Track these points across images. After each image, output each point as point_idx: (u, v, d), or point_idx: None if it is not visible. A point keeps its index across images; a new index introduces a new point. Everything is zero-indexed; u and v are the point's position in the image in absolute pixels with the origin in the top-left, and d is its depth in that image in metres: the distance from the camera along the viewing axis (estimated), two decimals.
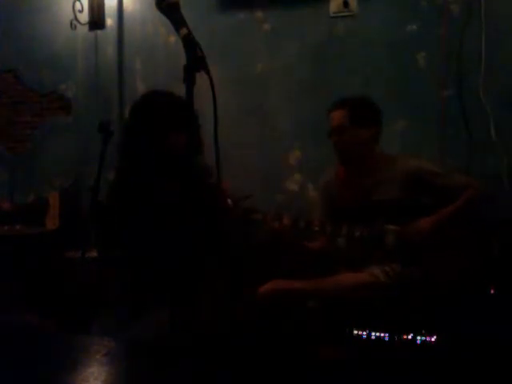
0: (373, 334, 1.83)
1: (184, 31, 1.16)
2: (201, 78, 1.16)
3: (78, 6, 3.29)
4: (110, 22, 3.38)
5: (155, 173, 1.81)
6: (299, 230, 2.05)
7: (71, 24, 3.29)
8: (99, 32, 3.37)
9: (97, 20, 3.30)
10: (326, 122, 2.22)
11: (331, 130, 2.16)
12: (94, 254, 2.26)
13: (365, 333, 1.84)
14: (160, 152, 1.82)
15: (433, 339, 1.78)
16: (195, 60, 1.13)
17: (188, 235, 1.26)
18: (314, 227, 2.04)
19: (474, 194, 2.03)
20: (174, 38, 3.17)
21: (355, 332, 1.85)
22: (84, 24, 3.33)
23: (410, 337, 1.80)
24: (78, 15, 3.30)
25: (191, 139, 1.72)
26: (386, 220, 2.02)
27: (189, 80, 1.12)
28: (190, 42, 1.15)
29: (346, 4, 2.92)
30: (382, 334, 1.82)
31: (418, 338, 1.79)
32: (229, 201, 1.98)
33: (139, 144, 1.86)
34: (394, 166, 2.12)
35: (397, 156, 2.20)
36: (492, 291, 1.96)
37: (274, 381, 1.48)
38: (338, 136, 2.13)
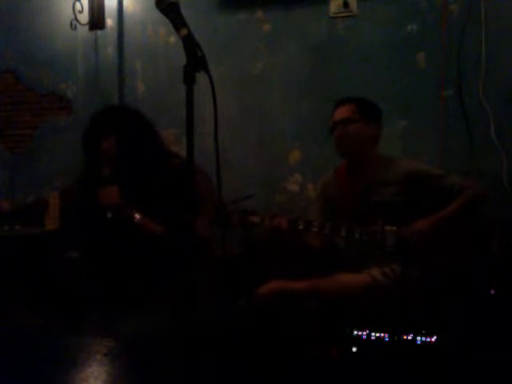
0: (373, 334, 1.83)
1: (184, 31, 1.16)
2: (201, 78, 1.16)
3: (78, 6, 3.28)
4: (110, 22, 3.37)
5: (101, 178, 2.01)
6: (298, 230, 2.06)
7: (71, 24, 3.29)
8: (99, 32, 3.37)
9: (97, 20, 3.29)
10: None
11: (336, 123, 2.15)
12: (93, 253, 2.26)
13: (365, 333, 1.84)
14: (99, 160, 2.02)
15: (433, 339, 1.78)
16: (195, 60, 1.13)
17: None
18: (313, 228, 2.04)
19: (471, 194, 2.03)
20: (173, 39, 3.17)
21: (355, 332, 1.85)
22: (84, 24, 3.33)
23: (409, 337, 1.80)
24: (78, 15, 3.30)
25: (123, 142, 1.97)
26: (385, 221, 2.02)
27: (189, 80, 1.12)
28: (190, 42, 1.15)
29: (345, 4, 2.92)
30: (382, 334, 1.82)
31: (418, 338, 1.79)
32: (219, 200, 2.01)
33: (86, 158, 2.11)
34: (393, 167, 2.12)
35: (396, 158, 2.21)
36: (492, 291, 1.96)
37: (274, 381, 1.48)
38: (344, 128, 2.12)
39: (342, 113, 2.15)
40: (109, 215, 1.93)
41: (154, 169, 1.94)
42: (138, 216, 1.90)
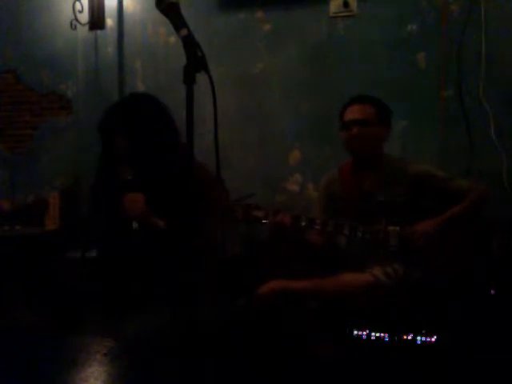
0: (373, 334, 1.83)
1: (184, 32, 1.16)
2: (201, 78, 1.16)
3: (78, 6, 3.29)
4: (110, 22, 3.38)
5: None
6: (301, 227, 2.05)
7: (71, 24, 3.29)
8: (99, 32, 3.37)
9: (97, 20, 3.30)
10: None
11: (351, 123, 2.12)
12: (94, 254, 2.26)
13: (365, 333, 1.84)
14: (113, 157, 1.85)
15: (433, 339, 1.78)
16: (195, 60, 1.13)
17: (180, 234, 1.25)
18: (316, 225, 2.04)
19: (476, 197, 2.03)
20: (174, 39, 3.17)
21: (355, 332, 1.85)
22: (84, 24, 3.33)
23: (409, 337, 1.80)
24: (78, 15, 3.30)
25: (135, 141, 1.80)
26: (388, 221, 2.02)
27: (189, 80, 1.12)
28: (190, 43, 1.15)
29: (345, 4, 2.92)
30: (382, 334, 1.82)
31: (418, 338, 1.79)
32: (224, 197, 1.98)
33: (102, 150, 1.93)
34: (399, 167, 2.13)
35: (402, 159, 2.22)
36: (492, 291, 1.96)
37: (274, 381, 1.48)
38: (362, 128, 2.10)
39: (358, 113, 2.12)
40: (135, 225, 1.75)
41: (174, 169, 1.77)
42: (162, 223, 1.77)
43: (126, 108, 1.93)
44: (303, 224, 2.04)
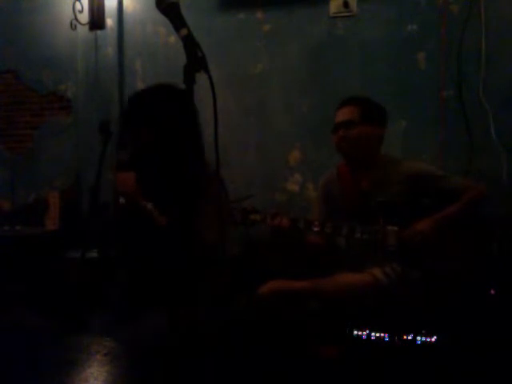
0: (373, 334, 1.83)
1: (184, 31, 1.16)
2: (201, 78, 1.16)
3: (78, 6, 3.28)
4: (110, 22, 3.37)
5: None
6: (299, 230, 2.06)
7: (71, 24, 3.29)
8: (99, 32, 3.37)
9: (97, 20, 3.29)
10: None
11: (338, 125, 2.14)
12: (94, 254, 2.26)
13: (365, 333, 1.84)
14: (136, 149, 1.86)
15: (433, 339, 1.78)
16: (195, 60, 1.14)
17: (181, 234, 1.25)
18: (314, 227, 2.04)
19: (474, 195, 2.03)
20: (173, 38, 3.17)
21: (355, 332, 1.85)
22: (84, 24, 3.33)
23: (410, 337, 1.80)
24: (78, 15, 3.30)
25: (162, 136, 1.78)
26: (387, 220, 2.02)
27: (189, 80, 1.12)
28: (190, 43, 1.15)
29: (346, 4, 2.92)
30: (382, 334, 1.82)
31: (418, 338, 1.79)
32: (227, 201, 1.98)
33: (121, 142, 1.92)
34: (396, 167, 2.12)
35: (399, 158, 2.22)
36: (492, 291, 1.96)
37: (274, 381, 1.49)
38: (346, 130, 2.11)
39: (343, 115, 2.14)
40: (121, 200, 1.87)
41: (182, 162, 1.76)
42: (149, 206, 1.82)
43: (149, 98, 1.95)
44: (302, 226, 2.04)
